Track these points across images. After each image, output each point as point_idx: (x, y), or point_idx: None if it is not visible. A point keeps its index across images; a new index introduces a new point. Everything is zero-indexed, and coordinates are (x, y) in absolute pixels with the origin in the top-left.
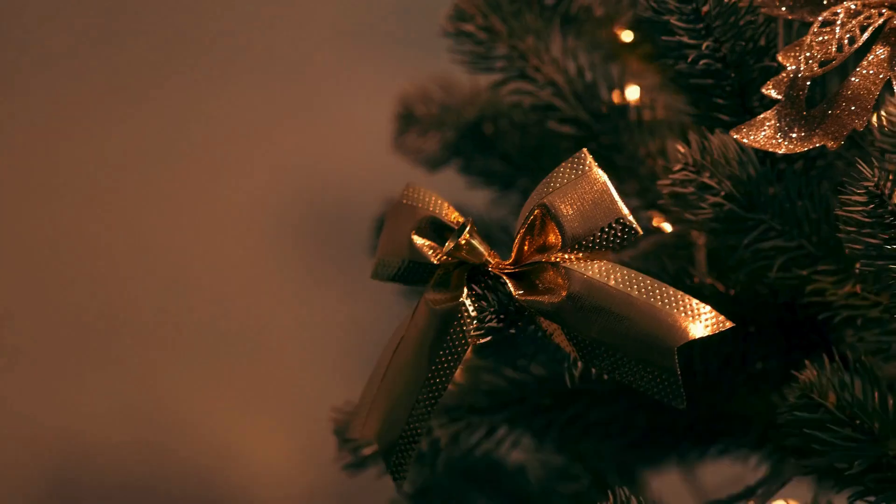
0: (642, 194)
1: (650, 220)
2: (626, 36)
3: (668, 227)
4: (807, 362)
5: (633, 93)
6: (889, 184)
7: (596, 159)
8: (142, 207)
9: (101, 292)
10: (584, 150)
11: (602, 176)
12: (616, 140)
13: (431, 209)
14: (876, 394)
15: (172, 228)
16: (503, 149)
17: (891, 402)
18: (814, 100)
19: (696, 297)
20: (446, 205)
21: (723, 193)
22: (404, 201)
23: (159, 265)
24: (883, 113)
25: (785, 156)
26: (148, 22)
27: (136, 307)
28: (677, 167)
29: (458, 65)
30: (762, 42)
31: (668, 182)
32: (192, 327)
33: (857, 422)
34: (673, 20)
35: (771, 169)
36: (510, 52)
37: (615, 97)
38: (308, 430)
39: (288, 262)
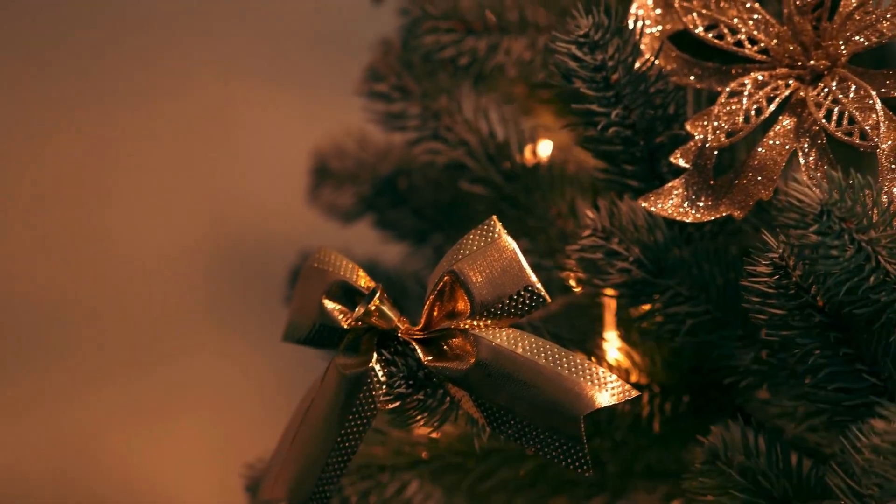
0: (553, 254)
1: (561, 279)
2: (540, 92)
3: (577, 288)
4: (713, 427)
5: (545, 148)
6: (793, 256)
7: (507, 219)
8: (55, 246)
9: (9, 324)
10: (494, 217)
11: (511, 244)
12: (527, 200)
13: (342, 273)
14: (782, 458)
15: (87, 268)
16: (417, 204)
17: (797, 465)
18: (722, 167)
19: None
20: (357, 269)
21: (631, 259)
22: (315, 265)
23: (71, 306)
24: (784, 189)
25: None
26: (63, 54)
27: (47, 349)
28: (586, 233)
29: (372, 123)
30: (671, 110)
31: (576, 248)
32: (102, 372)
33: (762, 487)
34: (583, 88)
35: (679, 233)
36: (423, 112)
37: (527, 153)
38: (221, 483)
39: (202, 310)
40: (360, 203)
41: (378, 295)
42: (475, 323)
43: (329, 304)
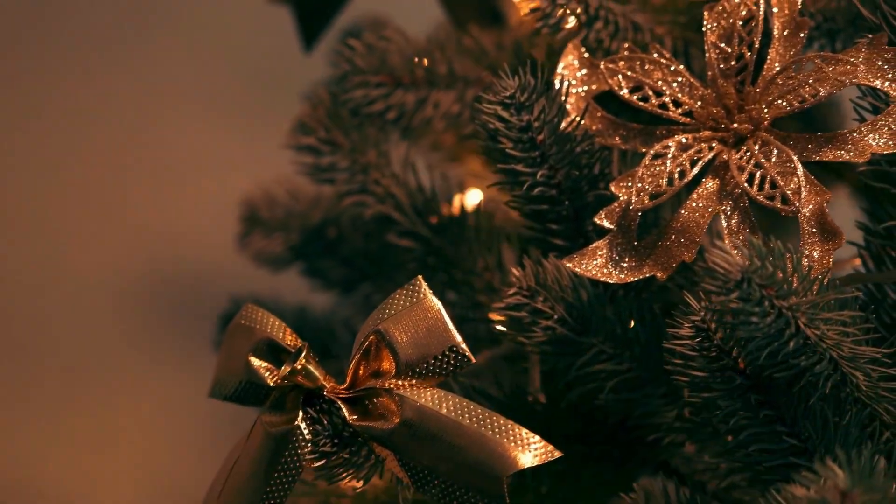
0: (479, 307)
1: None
2: (468, 142)
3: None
4: (635, 485)
5: (474, 197)
6: (715, 319)
7: (434, 271)
8: None
9: None
10: (419, 277)
11: (436, 304)
12: (454, 253)
13: (269, 331)
14: None
15: (14, 302)
16: (346, 254)
17: None
18: (647, 227)
19: (529, 413)
20: (284, 327)
21: (555, 317)
22: (242, 322)
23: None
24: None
25: None
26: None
27: None
28: (511, 291)
29: (301, 175)
30: (596, 170)
31: (501, 305)
32: (30, 407)
33: None
34: (509, 148)
35: (604, 292)
36: (352, 166)
37: (456, 203)
38: None
39: (132, 352)
40: (289, 251)
41: (304, 354)
42: (400, 382)
43: (255, 362)
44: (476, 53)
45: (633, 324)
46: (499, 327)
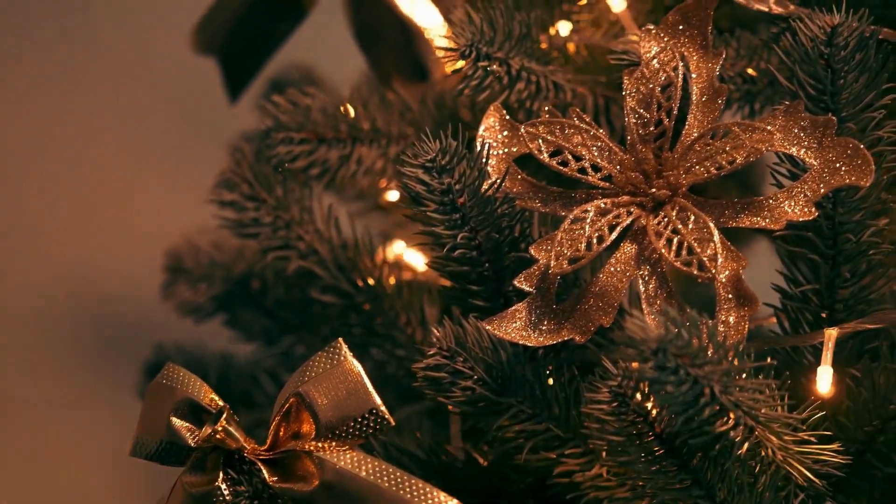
0: (403, 361)
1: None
2: (392, 196)
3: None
4: None
5: (398, 248)
6: (632, 384)
7: (356, 327)
8: None
9: None
10: (340, 340)
11: (357, 366)
12: (377, 309)
13: (190, 391)
14: None
15: None
16: (269, 305)
17: None
18: (568, 287)
19: (449, 471)
20: (204, 387)
21: (475, 378)
22: (163, 381)
23: None
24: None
25: None
26: None
27: None
28: (431, 351)
29: (224, 229)
30: (517, 232)
31: (422, 366)
32: None
33: None
34: (430, 211)
35: (524, 352)
36: (275, 221)
37: (379, 256)
38: None
39: (55, 399)
40: (212, 302)
41: (225, 415)
42: (320, 444)
43: (176, 422)
44: (400, 109)
45: (551, 381)
46: (419, 385)
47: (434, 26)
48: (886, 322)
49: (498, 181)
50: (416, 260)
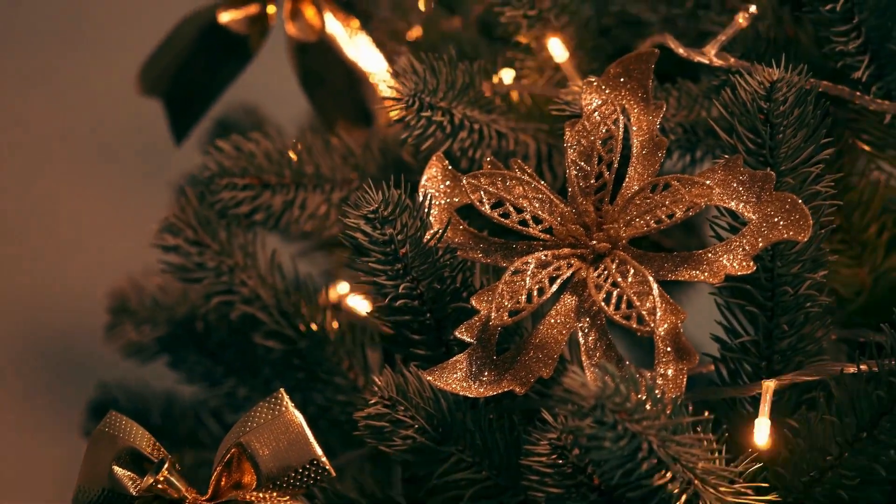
0: (345, 406)
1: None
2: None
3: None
4: None
5: (342, 289)
6: (570, 438)
7: (300, 373)
8: None
9: None
10: (282, 390)
11: (298, 417)
12: (319, 354)
13: (132, 440)
14: None
15: None
16: (212, 348)
17: None
18: (510, 336)
19: None
20: (147, 436)
21: (416, 426)
22: (106, 429)
23: None
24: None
25: None
26: None
27: None
28: (372, 400)
29: (168, 272)
30: (458, 281)
31: (363, 414)
32: None
33: None
34: (371, 262)
35: (465, 400)
36: (218, 266)
37: (322, 299)
38: None
39: None
40: (156, 343)
41: (167, 465)
42: (261, 495)
43: (118, 471)
44: (343, 153)
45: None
46: (361, 433)
47: (379, 71)
48: (824, 374)
49: (440, 231)
50: (359, 304)
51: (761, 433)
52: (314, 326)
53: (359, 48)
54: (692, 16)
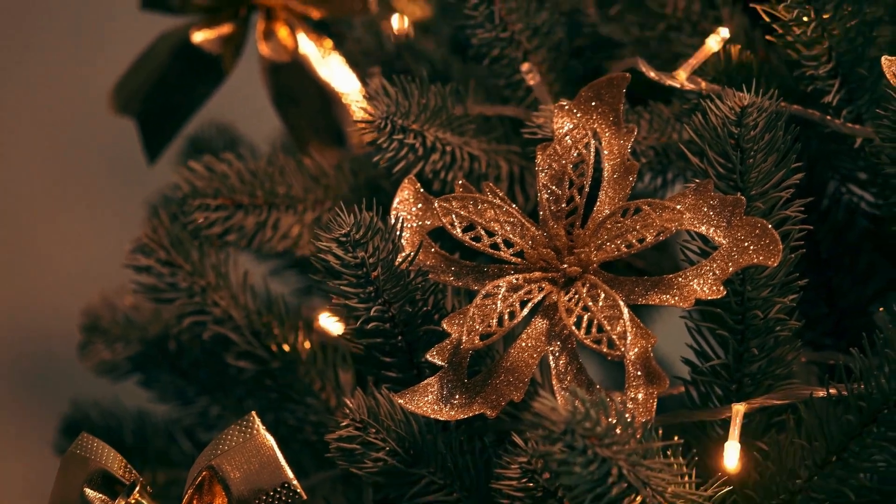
0: (318, 427)
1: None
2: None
3: None
4: None
5: (315, 308)
6: (541, 462)
7: (272, 393)
8: None
9: None
10: (253, 413)
11: (269, 440)
12: (291, 374)
13: (104, 462)
14: None
15: None
16: (185, 367)
17: None
18: (481, 359)
19: None
20: (119, 458)
21: (387, 449)
22: (77, 451)
23: None
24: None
25: None
26: None
27: None
28: (344, 422)
29: (140, 293)
30: (430, 304)
31: (334, 437)
32: None
33: None
34: (343, 285)
35: (436, 423)
36: (191, 287)
37: (294, 319)
38: None
39: None
40: (129, 362)
41: (138, 489)
42: None
43: (90, 493)
44: (316, 174)
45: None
46: (332, 455)
47: (352, 92)
48: (793, 398)
49: (411, 254)
50: (331, 325)
51: (731, 456)
52: (286, 347)
53: (332, 68)
54: (664, 38)
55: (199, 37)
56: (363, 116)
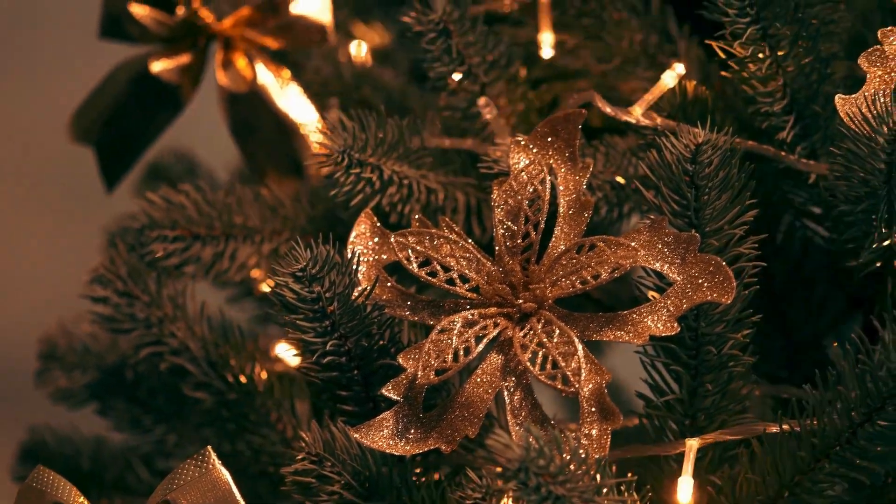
0: (275, 458)
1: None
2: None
3: None
4: None
5: (281, 351)
6: (495, 500)
7: (229, 424)
8: None
9: None
10: (209, 448)
11: (225, 474)
12: (248, 405)
13: (59, 495)
14: None
15: None
16: (142, 396)
17: None
18: (438, 391)
19: None
20: (74, 491)
21: (343, 482)
22: (33, 484)
23: None
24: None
25: None
26: None
27: None
28: (300, 456)
29: (97, 323)
30: (386, 338)
31: (290, 470)
32: None
33: None
34: (299, 320)
35: (392, 456)
36: (148, 318)
37: (251, 348)
38: None
39: None
40: (85, 390)
41: None
42: None
43: None
44: (273, 205)
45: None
46: (287, 489)
47: (310, 122)
48: (747, 433)
49: (368, 289)
50: (288, 355)
51: (684, 492)
52: (243, 378)
53: (290, 99)
54: (621, 70)
55: (157, 66)
56: (320, 150)
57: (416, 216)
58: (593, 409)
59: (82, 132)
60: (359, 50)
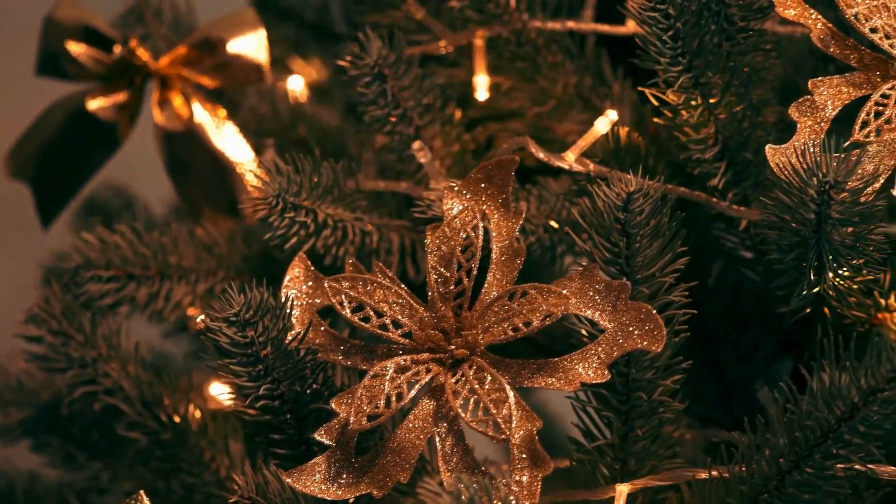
0: (209, 497)
1: None
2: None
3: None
4: None
5: (215, 390)
6: None
7: (163, 463)
8: None
9: None
10: (142, 492)
11: None
12: (182, 445)
13: None
14: None
15: None
16: (76, 434)
17: None
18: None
19: None
20: None
21: None
22: None
23: None
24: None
25: None
26: None
27: None
28: (232, 500)
29: (32, 362)
30: (319, 381)
31: None
32: None
33: None
34: (233, 364)
35: (324, 500)
36: (82, 357)
37: (184, 386)
38: None
39: None
40: (19, 426)
41: None
42: None
43: None
44: (208, 244)
45: None
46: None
47: (246, 161)
48: (677, 479)
49: (301, 333)
50: (222, 394)
51: None
52: (176, 418)
53: (226, 138)
54: (556, 112)
55: (94, 104)
56: (255, 193)
57: (350, 260)
58: (524, 456)
59: (18, 168)
60: (296, 85)
